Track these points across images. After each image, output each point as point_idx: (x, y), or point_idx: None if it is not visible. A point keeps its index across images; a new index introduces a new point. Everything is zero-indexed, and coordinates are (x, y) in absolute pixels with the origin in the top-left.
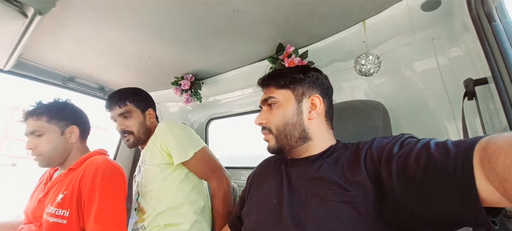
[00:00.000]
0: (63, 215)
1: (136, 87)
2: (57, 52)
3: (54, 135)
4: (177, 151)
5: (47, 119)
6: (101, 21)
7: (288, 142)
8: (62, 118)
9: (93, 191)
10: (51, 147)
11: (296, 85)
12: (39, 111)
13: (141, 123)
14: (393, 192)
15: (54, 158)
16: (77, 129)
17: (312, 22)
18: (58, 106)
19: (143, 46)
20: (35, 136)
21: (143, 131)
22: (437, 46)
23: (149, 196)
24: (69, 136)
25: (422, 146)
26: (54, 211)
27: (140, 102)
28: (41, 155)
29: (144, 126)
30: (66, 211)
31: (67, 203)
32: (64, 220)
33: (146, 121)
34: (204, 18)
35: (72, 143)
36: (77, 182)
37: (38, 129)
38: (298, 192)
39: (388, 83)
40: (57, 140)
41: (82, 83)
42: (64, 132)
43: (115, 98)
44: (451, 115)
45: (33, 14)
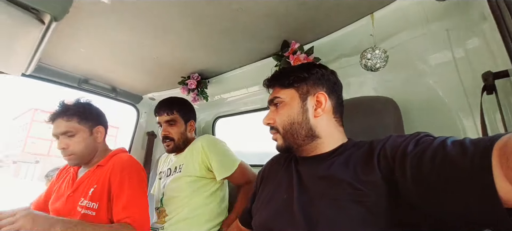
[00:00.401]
0: (92, 208)
1: (184, 99)
2: (72, 56)
3: (85, 135)
4: (221, 167)
5: (78, 120)
6: (111, 26)
7: (295, 141)
8: (90, 119)
9: (122, 183)
10: (82, 146)
11: (300, 84)
12: (70, 113)
13: (182, 132)
14: (407, 192)
15: (85, 157)
16: (103, 129)
17: (317, 17)
18: (86, 107)
19: (151, 48)
20: (67, 136)
21: (183, 139)
22: (453, 38)
23: (175, 201)
24: (96, 135)
25: (438, 144)
26: (86, 203)
27: (185, 113)
28: (73, 154)
29: (184, 135)
30: (96, 203)
31: (97, 196)
32: (93, 212)
33: (186, 131)
34: (209, 18)
35: (99, 142)
36: (107, 176)
37: (70, 130)
38: (308, 190)
39: (399, 78)
40: (88, 140)
41: (96, 84)
42: (92, 132)
43: (165, 105)
44: (468, 111)
45: (49, 20)
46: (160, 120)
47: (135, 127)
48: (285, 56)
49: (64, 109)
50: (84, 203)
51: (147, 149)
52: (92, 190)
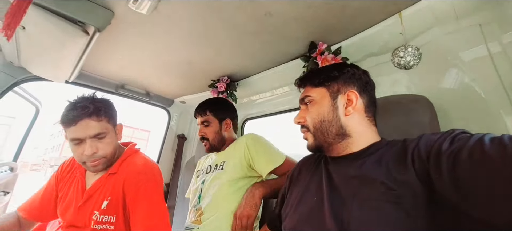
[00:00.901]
0: (110, 221)
1: (218, 98)
2: (111, 63)
3: (112, 135)
4: (268, 161)
5: (107, 119)
6: (148, 34)
7: (325, 139)
8: (115, 116)
9: (137, 195)
10: (112, 148)
11: (331, 82)
12: (101, 112)
13: (217, 132)
14: (444, 192)
15: (112, 160)
16: (121, 126)
17: (344, 18)
18: (110, 103)
19: (183, 53)
20: (97, 138)
21: (218, 139)
22: (487, 33)
23: (214, 200)
24: (119, 134)
25: (475, 141)
26: (101, 218)
27: (217, 112)
28: (104, 157)
29: (219, 134)
30: (113, 216)
31: (113, 209)
32: (111, 226)
33: (221, 130)
34: (238, 23)
35: (119, 141)
36: (120, 187)
37: (103, 131)
38: (339, 191)
39: (431, 76)
40: (114, 141)
41: (131, 89)
42: (116, 131)
43: (200, 108)
44: (508, 106)
45: (93, 31)
46: (198, 122)
47: (166, 130)
48: (312, 57)
49: (93, 107)
50: (99, 218)
51: (177, 151)
52: (106, 202)
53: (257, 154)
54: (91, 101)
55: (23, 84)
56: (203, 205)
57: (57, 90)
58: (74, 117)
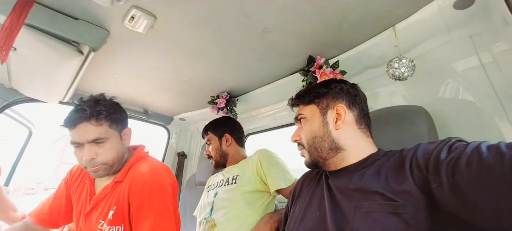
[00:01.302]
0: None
1: (220, 117)
2: (107, 82)
3: (115, 140)
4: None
5: (109, 124)
6: (144, 52)
7: (319, 155)
8: (120, 120)
9: (142, 206)
10: (114, 154)
11: (320, 99)
12: (101, 115)
13: (217, 148)
14: (444, 201)
15: (115, 166)
16: (130, 131)
17: (341, 33)
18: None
19: (181, 70)
20: (96, 143)
21: (220, 154)
22: (477, 44)
23: (227, 213)
24: (125, 139)
25: (472, 149)
26: (108, 228)
27: (216, 130)
28: (104, 163)
29: (219, 150)
30: (121, 226)
31: (119, 219)
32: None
33: (222, 146)
34: (236, 39)
35: (127, 146)
36: (125, 196)
37: (102, 136)
38: (340, 205)
39: (427, 86)
40: (118, 146)
41: (128, 108)
42: (122, 136)
43: (203, 130)
44: (502, 114)
45: (88, 51)
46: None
47: (166, 148)
48: (311, 71)
49: (93, 110)
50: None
51: (177, 169)
52: (112, 212)
53: (269, 169)
54: (93, 104)
55: (15, 106)
56: (216, 218)
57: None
58: (73, 120)
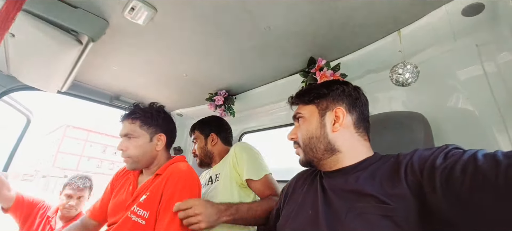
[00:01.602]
0: (143, 216)
1: (208, 117)
2: (105, 74)
3: (144, 140)
4: (248, 169)
5: (140, 124)
6: (144, 45)
7: (314, 155)
8: (153, 125)
9: (173, 196)
10: (140, 152)
11: (320, 100)
12: (135, 116)
13: (203, 147)
14: (437, 207)
15: (141, 163)
16: (164, 137)
17: (344, 35)
18: (152, 112)
19: (180, 65)
20: (128, 138)
21: (204, 153)
22: (483, 53)
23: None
24: (156, 143)
25: (468, 157)
26: (137, 210)
27: (203, 129)
28: (130, 157)
29: (204, 149)
30: (147, 212)
31: (148, 204)
32: (144, 220)
33: (207, 145)
34: (237, 37)
35: (158, 150)
36: (161, 186)
37: (131, 133)
38: (333, 205)
39: (428, 93)
40: (145, 146)
41: (126, 101)
42: (153, 139)
43: (191, 128)
44: (501, 125)
45: (87, 41)
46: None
47: None
48: (311, 72)
49: (132, 111)
50: (136, 209)
51: None
52: (144, 197)
53: (241, 160)
54: (135, 107)
55: (13, 94)
56: None
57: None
58: (122, 117)
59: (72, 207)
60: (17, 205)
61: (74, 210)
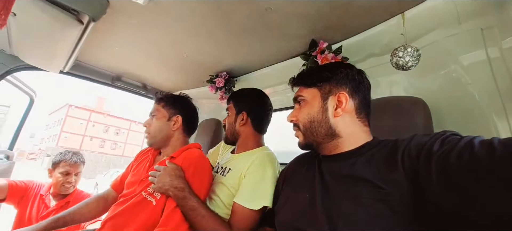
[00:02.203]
0: (156, 197)
1: (249, 89)
2: (106, 54)
3: (163, 120)
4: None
5: (163, 104)
6: (144, 25)
7: (314, 139)
8: (173, 107)
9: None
10: (157, 128)
11: (323, 83)
12: (161, 99)
13: (231, 123)
14: (432, 192)
15: (157, 139)
16: (181, 119)
17: (347, 17)
18: (176, 97)
19: (181, 46)
20: (151, 116)
21: (231, 131)
22: (487, 37)
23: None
24: (173, 123)
25: (465, 143)
26: (151, 190)
27: (237, 103)
28: (149, 133)
29: (232, 126)
30: (159, 194)
31: None
32: (154, 200)
33: (235, 123)
34: (238, 17)
35: (173, 130)
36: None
37: (154, 112)
38: (330, 188)
39: (430, 78)
40: (163, 124)
41: (128, 82)
42: (171, 119)
43: (230, 95)
44: (502, 112)
45: (88, 21)
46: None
47: None
48: (312, 55)
49: (161, 96)
50: (150, 189)
51: None
52: None
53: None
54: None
55: (17, 73)
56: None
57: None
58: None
59: (71, 184)
60: (12, 193)
61: (72, 187)
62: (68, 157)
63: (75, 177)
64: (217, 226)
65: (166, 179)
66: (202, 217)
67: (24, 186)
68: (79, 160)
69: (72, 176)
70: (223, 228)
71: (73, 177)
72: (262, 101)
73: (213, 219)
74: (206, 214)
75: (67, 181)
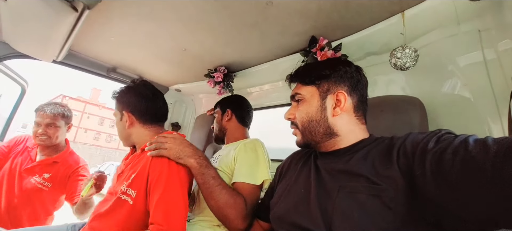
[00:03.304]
0: (131, 195)
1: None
2: (102, 44)
3: (117, 120)
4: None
5: (115, 104)
6: (142, 15)
7: (313, 138)
8: (121, 102)
9: (160, 178)
10: (118, 131)
11: (321, 81)
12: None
13: (219, 121)
14: (426, 189)
15: (123, 142)
16: (129, 115)
17: (347, 14)
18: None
19: (179, 39)
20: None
21: (218, 128)
22: (484, 39)
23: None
24: (125, 121)
25: (460, 142)
26: (126, 189)
27: (222, 105)
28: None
29: (220, 124)
30: (134, 191)
31: (136, 184)
32: (132, 200)
33: (222, 120)
34: (238, 11)
35: (127, 128)
36: (147, 165)
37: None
38: (326, 184)
39: (427, 78)
40: (119, 125)
41: (123, 73)
42: (122, 118)
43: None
44: (496, 114)
45: (82, 8)
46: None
47: None
48: (312, 52)
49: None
50: (124, 188)
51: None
52: (133, 176)
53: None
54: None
55: (8, 62)
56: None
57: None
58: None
59: (44, 135)
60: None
61: (48, 139)
62: (42, 106)
63: (47, 129)
64: (235, 195)
65: (188, 148)
66: (222, 186)
67: (5, 151)
68: (53, 111)
69: (42, 127)
70: (239, 198)
71: (42, 128)
72: (243, 101)
73: (231, 189)
74: (225, 185)
75: (38, 132)
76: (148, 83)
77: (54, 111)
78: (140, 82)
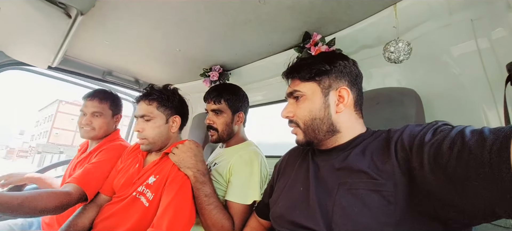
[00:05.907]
0: (148, 197)
1: (236, 87)
2: (97, 49)
3: (160, 122)
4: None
5: (157, 105)
6: (135, 18)
7: (316, 136)
8: (169, 107)
9: (175, 180)
10: (156, 133)
11: (322, 77)
12: (152, 97)
13: (228, 124)
14: (424, 181)
15: (156, 144)
16: (179, 119)
17: (339, 9)
18: (169, 94)
19: (173, 40)
20: (144, 120)
21: (227, 131)
22: (477, 28)
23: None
24: (171, 124)
25: (456, 133)
26: (143, 190)
27: (234, 103)
28: (145, 138)
29: (229, 127)
30: (152, 194)
31: (156, 187)
32: (148, 202)
33: (232, 123)
34: (231, 10)
35: (173, 132)
36: (168, 168)
37: (148, 114)
38: (325, 181)
39: (421, 69)
40: (162, 128)
41: (119, 76)
42: (168, 120)
43: (214, 92)
44: (491, 102)
45: (76, 14)
46: (207, 108)
47: None
48: (306, 48)
49: (148, 92)
50: (142, 189)
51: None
52: (154, 179)
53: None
54: (151, 88)
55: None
56: None
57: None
58: (136, 98)
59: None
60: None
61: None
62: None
63: (89, 118)
64: (224, 218)
65: (190, 159)
66: (213, 206)
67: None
68: (95, 97)
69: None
70: (229, 222)
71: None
72: (247, 98)
73: (222, 210)
74: (217, 204)
75: (80, 122)
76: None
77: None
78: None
